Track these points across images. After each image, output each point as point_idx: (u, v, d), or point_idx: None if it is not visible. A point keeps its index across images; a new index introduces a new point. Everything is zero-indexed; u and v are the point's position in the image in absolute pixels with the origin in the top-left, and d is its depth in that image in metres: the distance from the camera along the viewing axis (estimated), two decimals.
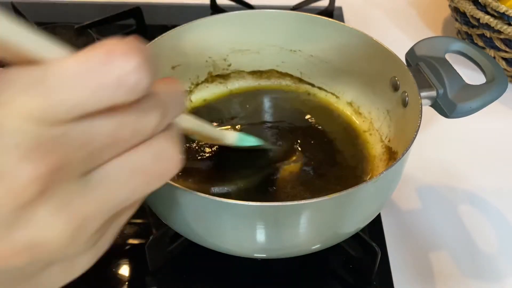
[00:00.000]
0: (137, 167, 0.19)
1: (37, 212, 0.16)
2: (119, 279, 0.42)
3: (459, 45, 0.44)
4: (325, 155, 0.46)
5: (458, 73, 0.41)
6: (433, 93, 0.41)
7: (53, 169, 0.16)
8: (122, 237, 0.45)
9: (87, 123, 0.17)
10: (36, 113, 0.16)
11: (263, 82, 0.54)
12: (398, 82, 0.44)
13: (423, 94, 0.40)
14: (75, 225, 0.17)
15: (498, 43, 0.60)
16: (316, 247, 0.37)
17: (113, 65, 0.16)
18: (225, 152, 0.44)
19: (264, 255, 0.39)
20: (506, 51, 0.61)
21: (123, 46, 0.17)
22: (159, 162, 0.19)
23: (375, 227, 0.46)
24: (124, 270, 0.43)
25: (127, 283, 0.42)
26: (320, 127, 0.49)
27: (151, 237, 0.41)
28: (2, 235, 0.16)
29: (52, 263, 0.18)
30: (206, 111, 0.51)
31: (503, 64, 0.62)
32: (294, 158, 0.45)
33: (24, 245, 0.17)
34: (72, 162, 0.17)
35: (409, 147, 0.35)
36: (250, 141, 0.42)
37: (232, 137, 0.40)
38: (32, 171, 0.16)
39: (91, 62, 0.16)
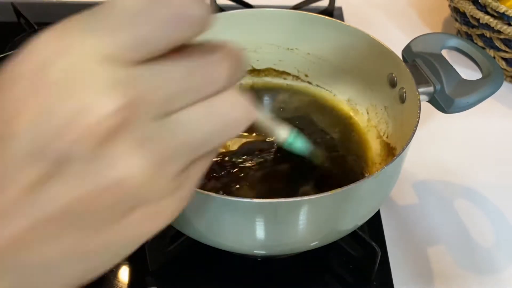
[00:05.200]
0: (212, 112, 0.19)
1: (116, 149, 0.17)
2: (119, 279, 0.42)
3: (455, 41, 0.44)
4: (323, 152, 0.46)
5: (454, 68, 0.41)
6: (430, 89, 0.41)
7: (132, 104, 0.16)
8: None
9: (158, 67, 0.18)
10: (107, 52, 0.17)
11: (261, 80, 0.54)
12: (395, 79, 0.44)
13: (420, 90, 0.40)
14: (155, 162, 0.17)
15: (498, 43, 0.60)
16: (314, 243, 0.37)
17: None
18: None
19: (264, 252, 0.39)
20: (506, 51, 0.60)
21: None
22: (234, 109, 0.20)
23: (375, 226, 0.46)
24: (124, 270, 0.43)
25: (127, 283, 0.42)
26: (317, 125, 0.49)
27: (151, 237, 0.41)
28: (84, 174, 0.16)
29: (135, 206, 0.18)
30: None
31: (502, 64, 0.62)
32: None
33: (107, 183, 0.17)
34: (147, 102, 0.17)
35: (408, 142, 0.35)
36: (300, 147, 0.31)
37: (284, 133, 0.29)
38: (111, 104, 0.16)
39: None
